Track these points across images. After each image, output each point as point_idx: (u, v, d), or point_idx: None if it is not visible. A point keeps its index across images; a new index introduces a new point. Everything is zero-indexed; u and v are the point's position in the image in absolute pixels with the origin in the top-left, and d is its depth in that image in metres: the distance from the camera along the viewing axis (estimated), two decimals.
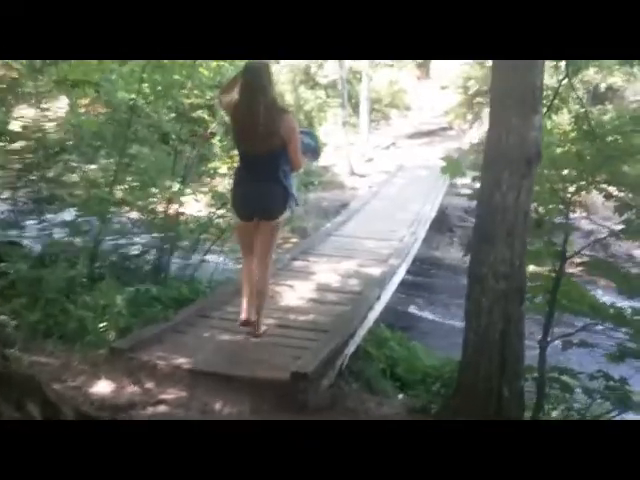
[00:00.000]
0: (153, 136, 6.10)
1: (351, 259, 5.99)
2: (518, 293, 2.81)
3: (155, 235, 5.67)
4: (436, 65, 19.20)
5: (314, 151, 3.86)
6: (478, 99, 14.71)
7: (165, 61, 5.48)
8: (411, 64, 19.77)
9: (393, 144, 15.26)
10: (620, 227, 3.65)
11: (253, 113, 3.21)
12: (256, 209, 3.45)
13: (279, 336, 3.76)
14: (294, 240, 12.19)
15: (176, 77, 5.47)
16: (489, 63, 12.94)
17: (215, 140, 6.01)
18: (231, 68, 5.90)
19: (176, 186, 5.55)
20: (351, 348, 3.92)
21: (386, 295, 5.14)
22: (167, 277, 5.67)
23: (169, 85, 5.55)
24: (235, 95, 3.35)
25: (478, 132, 15.10)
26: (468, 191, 12.99)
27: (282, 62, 15.84)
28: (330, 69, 16.43)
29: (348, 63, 15.36)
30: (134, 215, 5.74)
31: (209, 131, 5.67)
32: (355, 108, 16.22)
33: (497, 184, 2.74)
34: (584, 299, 3.25)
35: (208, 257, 6.50)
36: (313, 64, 17.00)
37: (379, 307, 4.83)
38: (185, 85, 5.61)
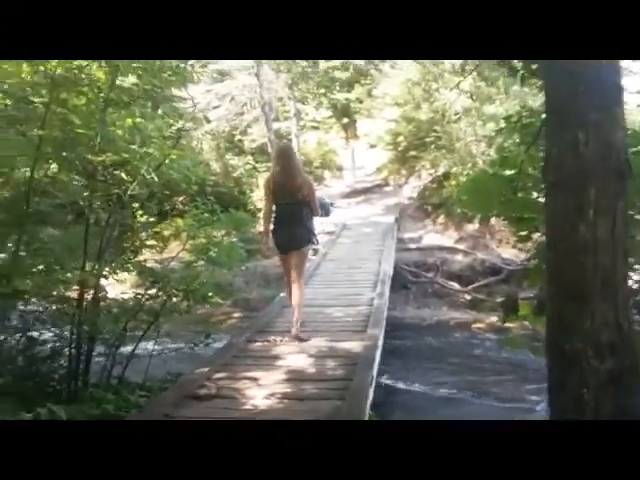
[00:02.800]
0: (62, 211, 4.92)
1: (320, 333, 4.91)
2: (632, 374, 1.86)
3: (66, 330, 4.37)
4: (362, 124, 19.12)
5: (327, 209, 7.24)
6: (412, 153, 14.45)
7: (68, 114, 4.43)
8: (337, 125, 19.64)
9: (331, 204, 14.58)
10: None
11: (287, 179, 4.62)
12: (289, 244, 4.73)
13: None
14: (237, 315, 10.92)
15: (80, 131, 4.37)
16: (417, 117, 12.58)
17: (136, 207, 4.84)
18: (150, 126, 4.89)
19: (90, 265, 4.33)
20: None
21: (374, 376, 4.07)
22: (87, 384, 4.33)
23: (73, 142, 4.45)
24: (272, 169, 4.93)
25: (415, 186, 14.78)
26: (415, 245, 12.26)
27: (205, 128, 15.06)
28: (256, 133, 15.79)
29: (275, 125, 14.83)
30: (34, 307, 4.42)
31: (128, 193, 4.51)
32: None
33: (579, 211, 1.84)
34: None
35: (140, 349, 5.22)
36: (236, 130, 16.34)
37: (371, 393, 3.74)
38: (93, 141, 4.50)
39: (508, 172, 3.77)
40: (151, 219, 5.41)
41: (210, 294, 4.73)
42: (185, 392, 3.51)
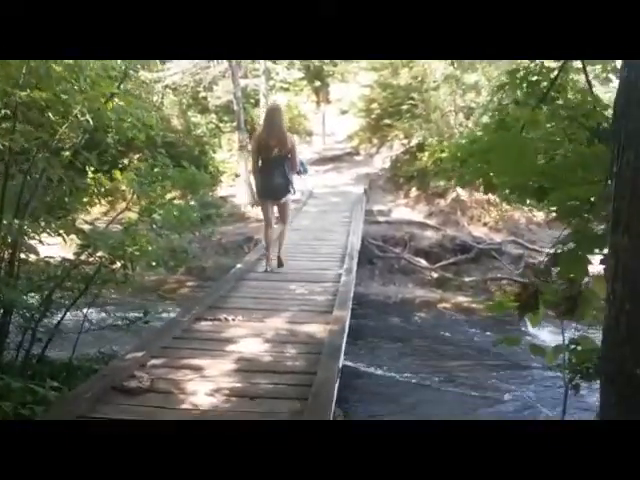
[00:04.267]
0: None
1: (279, 313, 4.29)
2: None
3: None
4: (334, 89, 18.30)
5: (304, 167, 6.18)
6: (385, 121, 13.76)
7: None
8: (308, 88, 18.72)
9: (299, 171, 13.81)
10: None
11: (272, 136, 5.26)
12: (271, 194, 5.51)
13: None
14: (190, 284, 10.19)
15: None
16: (394, 83, 11.94)
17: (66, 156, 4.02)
18: (93, 62, 4.07)
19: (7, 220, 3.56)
20: None
21: (340, 368, 3.47)
22: None
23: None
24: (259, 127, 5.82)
25: (386, 156, 14.16)
26: (384, 218, 11.69)
27: (167, 82, 13.99)
28: (222, 90, 14.78)
29: (242, 83, 13.85)
30: None
31: (57, 137, 3.70)
32: (251, 134, 14.64)
33: None
34: None
35: (74, 319, 4.50)
36: (200, 86, 15.23)
37: (336, 389, 3.15)
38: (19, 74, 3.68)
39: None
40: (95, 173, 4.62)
41: (153, 263, 4.01)
42: (110, 383, 2.84)
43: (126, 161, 11.45)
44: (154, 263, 4.04)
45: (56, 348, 4.30)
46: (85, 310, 4.32)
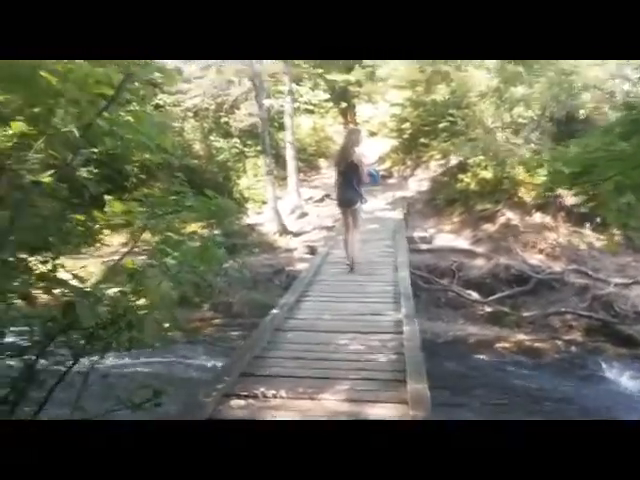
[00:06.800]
0: None
1: (333, 384, 3.20)
2: None
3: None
4: (362, 109, 17.38)
5: (374, 178, 7.41)
6: (420, 140, 12.72)
7: None
8: (334, 110, 17.85)
9: (327, 196, 12.75)
10: None
11: (343, 154, 6.52)
12: (344, 203, 6.75)
13: None
14: (216, 321, 9.17)
15: None
16: (427, 100, 10.99)
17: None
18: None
19: None
20: None
21: None
22: None
23: None
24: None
25: (422, 178, 13.10)
26: (426, 246, 10.49)
27: (187, 105, 13.22)
28: (244, 111, 13.96)
29: (266, 104, 13.01)
30: None
31: (32, 154, 2.71)
32: (277, 159, 13.73)
33: None
34: None
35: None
36: (221, 109, 14.44)
37: None
38: None
39: None
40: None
41: (167, 324, 2.97)
42: None
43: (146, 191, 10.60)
44: (167, 325, 3.00)
45: None
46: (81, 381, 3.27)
